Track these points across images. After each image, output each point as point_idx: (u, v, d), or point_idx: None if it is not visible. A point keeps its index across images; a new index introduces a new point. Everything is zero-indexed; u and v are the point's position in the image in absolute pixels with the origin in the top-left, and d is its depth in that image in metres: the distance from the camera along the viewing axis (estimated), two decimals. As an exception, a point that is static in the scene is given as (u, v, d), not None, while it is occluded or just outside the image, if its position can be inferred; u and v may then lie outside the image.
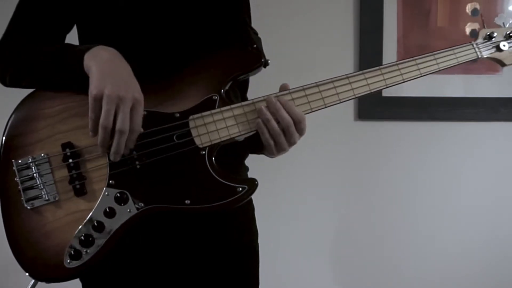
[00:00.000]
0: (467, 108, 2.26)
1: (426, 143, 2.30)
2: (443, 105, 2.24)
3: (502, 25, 1.26)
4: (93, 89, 0.97)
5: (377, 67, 1.17)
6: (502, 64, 1.27)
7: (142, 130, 1.03)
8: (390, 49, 2.23)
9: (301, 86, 1.12)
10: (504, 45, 1.25)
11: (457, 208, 2.33)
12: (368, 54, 2.22)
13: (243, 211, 1.24)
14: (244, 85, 1.26)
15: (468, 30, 2.25)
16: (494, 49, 1.26)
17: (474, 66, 1.25)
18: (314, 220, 2.32)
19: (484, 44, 1.25)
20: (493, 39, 1.25)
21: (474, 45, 1.24)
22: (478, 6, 2.24)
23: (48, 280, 1.07)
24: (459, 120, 2.28)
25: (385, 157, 2.31)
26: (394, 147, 2.30)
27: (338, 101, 1.14)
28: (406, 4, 2.23)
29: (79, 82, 1.01)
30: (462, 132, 2.30)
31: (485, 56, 1.25)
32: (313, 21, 2.23)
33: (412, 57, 1.19)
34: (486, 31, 1.26)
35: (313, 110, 1.12)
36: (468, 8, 2.25)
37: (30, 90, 1.12)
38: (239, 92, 1.23)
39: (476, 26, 2.24)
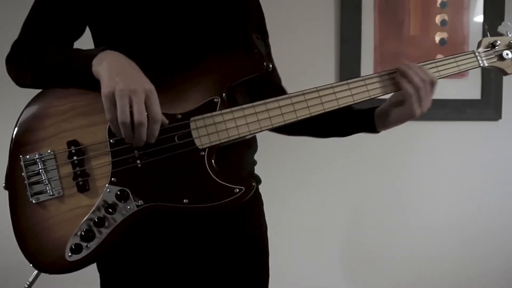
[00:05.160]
0: (437, 109, 2.25)
1: (399, 140, 2.27)
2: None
3: (505, 33, 1.15)
4: (104, 89, 0.90)
5: (376, 74, 1.09)
6: (504, 73, 1.16)
7: (166, 121, 0.98)
8: (367, 56, 2.21)
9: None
10: (507, 54, 1.14)
11: (431, 197, 2.32)
12: (348, 61, 2.20)
13: (251, 206, 1.17)
14: (256, 87, 1.17)
15: (437, 39, 2.26)
16: (496, 58, 1.15)
17: (443, 70, 1.13)
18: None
19: (486, 52, 1.14)
20: (496, 47, 1.14)
21: (476, 54, 1.14)
22: (446, 17, 2.26)
23: (50, 272, 1.02)
24: (430, 119, 2.26)
25: (366, 154, 2.27)
26: (372, 144, 2.26)
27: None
28: (382, 16, 2.23)
29: (89, 86, 0.97)
30: (432, 130, 2.29)
31: (486, 65, 1.15)
32: (296, 31, 2.22)
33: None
34: (489, 40, 1.15)
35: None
36: (438, 19, 2.26)
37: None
38: (250, 93, 1.15)
39: (444, 35, 2.26)
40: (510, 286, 2.32)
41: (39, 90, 1.05)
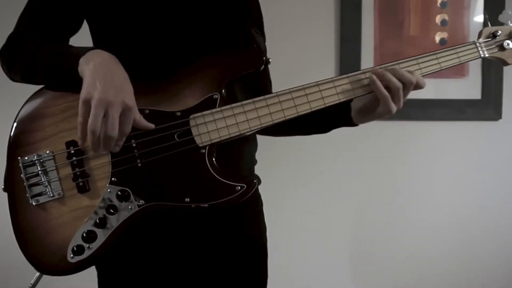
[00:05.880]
0: (437, 109, 2.24)
1: (399, 140, 2.27)
2: (415, 106, 2.21)
3: (507, 23, 1.12)
4: (83, 93, 0.88)
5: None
6: (505, 64, 1.13)
7: (153, 126, 0.96)
8: (367, 56, 2.21)
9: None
10: (508, 44, 1.11)
11: (431, 197, 2.30)
12: (348, 61, 2.20)
13: (251, 206, 1.15)
14: (256, 83, 1.15)
15: (437, 38, 2.24)
16: (497, 49, 1.12)
17: (443, 70, 1.10)
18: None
19: (487, 43, 1.12)
20: (497, 37, 1.11)
21: (477, 44, 1.12)
22: (446, 17, 2.24)
23: (52, 273, 1.01)
24: (429, 119, 2.25)
25: (366, 153, 2.27)
26: (372, 144, 2.26)
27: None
28: (382, 16, 2.22)
29: (76, 85, 0.93)
30: (432, 130, 2.27)
31: (487, 55, 1.12)
32: (296, 31, 2.20)
33: (413, 56, 1.08)
34: (489, 30, 1.12)
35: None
36: (438, 19, 2.24)
37: (35, 88, 1.04)
38: (250, 90, 1.13)
39: (445, 35, 2.24)
40: (510, 286, 2.31)
41: (35, 88, 1.02)
